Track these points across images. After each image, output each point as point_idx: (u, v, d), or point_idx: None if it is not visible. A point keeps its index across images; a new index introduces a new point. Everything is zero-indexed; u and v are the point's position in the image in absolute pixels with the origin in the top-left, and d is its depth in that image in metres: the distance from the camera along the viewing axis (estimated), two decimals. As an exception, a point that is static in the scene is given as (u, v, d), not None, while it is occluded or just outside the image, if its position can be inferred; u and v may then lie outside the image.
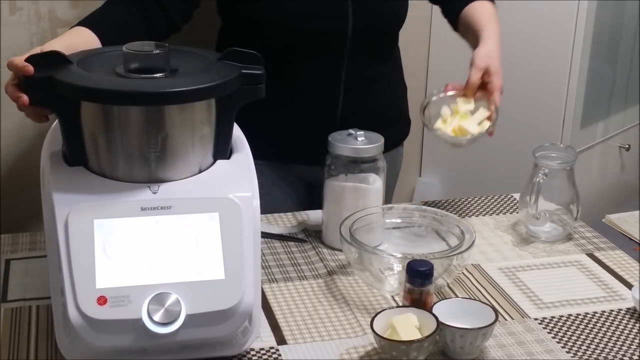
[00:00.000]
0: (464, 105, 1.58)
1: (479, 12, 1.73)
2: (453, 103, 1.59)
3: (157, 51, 1.23)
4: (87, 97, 1.17)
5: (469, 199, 1.80)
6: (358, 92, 1.75)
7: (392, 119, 1.66)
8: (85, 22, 1.52)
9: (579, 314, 1.38)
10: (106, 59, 1.28)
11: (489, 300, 1.41)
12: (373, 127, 1.57)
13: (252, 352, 1.26)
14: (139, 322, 1.11)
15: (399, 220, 1.57)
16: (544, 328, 1.34)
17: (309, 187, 1.83)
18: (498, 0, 1.67)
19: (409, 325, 1.22)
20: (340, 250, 1.49)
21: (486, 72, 1.58)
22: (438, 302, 1.30)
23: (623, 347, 1.29)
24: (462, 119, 1.56)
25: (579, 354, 1.27)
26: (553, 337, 1.31)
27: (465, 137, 1.56)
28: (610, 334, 1.33)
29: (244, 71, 1.23)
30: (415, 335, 1.21)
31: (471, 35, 1.71)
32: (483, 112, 1.57)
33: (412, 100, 2.68)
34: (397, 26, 1.79)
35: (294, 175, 1.81)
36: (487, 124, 1.56)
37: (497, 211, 1.77)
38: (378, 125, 1.60)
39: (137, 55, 1.22)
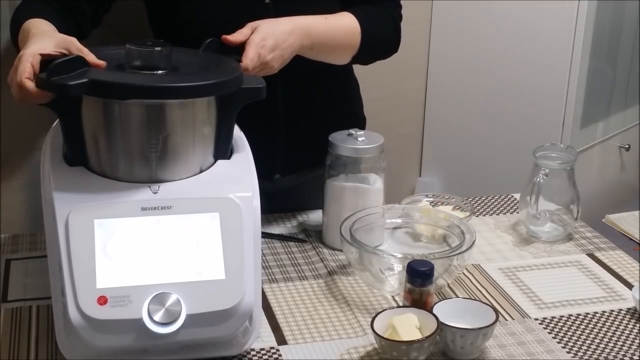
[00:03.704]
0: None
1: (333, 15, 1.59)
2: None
3: (159, 49, 1.23)
4: (88, 90, 1.15)
5: (469, 199, 1.80)
6: (297, 103, 1.65)
7: (340, 126, 1.57)
8: (39, 17, 1.41)
9: (580, 314, 1.38)
10: (107, 57, 1.27)
11: (489, 301, 1.41)
12: (321, 141, 1.54)
13: (253, 352, 1.26)
14: (139, 322, 1.11)
15: (399, 220, 1.57)
16: (544, 328, 1.34)
17: (266, 196, 1.80)
18: (499, 1, 1.67)
19: (409, 326, 1.22)
20: (341, 250, 1.49)
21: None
22: (438, 302, 1.30)
23: (623, 347, 1.29)
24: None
25: (580, 354, 1.27)
26: (553, 338, 1.31)
27: None
28: (611, 334, 1.33)
29: None
30: (416, 335, 1.21)
31: None
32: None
33: (413, 101, 2.71)
34: None
35: None
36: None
37: (497, 211, 1.77)
38: (325, 134, 1.56)
39: (140, 53, 1.22)
